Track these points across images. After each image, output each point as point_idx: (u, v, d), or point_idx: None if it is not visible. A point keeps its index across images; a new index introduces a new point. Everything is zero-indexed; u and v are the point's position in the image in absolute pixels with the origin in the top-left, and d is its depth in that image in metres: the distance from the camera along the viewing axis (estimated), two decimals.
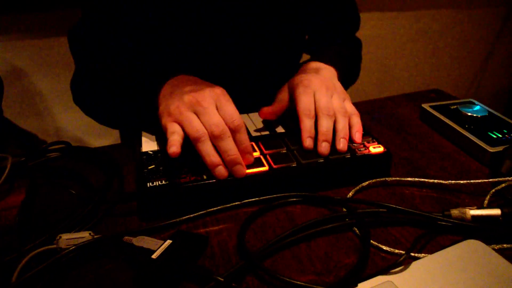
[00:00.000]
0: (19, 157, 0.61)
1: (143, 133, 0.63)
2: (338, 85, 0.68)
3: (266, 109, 0.66)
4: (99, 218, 0.51)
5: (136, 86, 0.64)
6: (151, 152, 0.57)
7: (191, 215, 0.51)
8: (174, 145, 0.51)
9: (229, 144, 0.52)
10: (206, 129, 0.52)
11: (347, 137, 0.60)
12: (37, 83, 1.47)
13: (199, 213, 0.51)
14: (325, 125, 0.59)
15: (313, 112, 0.60)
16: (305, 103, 0.60)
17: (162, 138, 0.59)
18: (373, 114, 0.82)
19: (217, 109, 0.54)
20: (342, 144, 0.59)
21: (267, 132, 0.64)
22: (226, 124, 0.53)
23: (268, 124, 0.67)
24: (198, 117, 0.53)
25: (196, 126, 0.52)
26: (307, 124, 0.59)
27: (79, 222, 0.50)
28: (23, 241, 0.47)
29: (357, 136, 0.61)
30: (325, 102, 0.61)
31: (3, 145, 1.07)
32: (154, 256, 0.42)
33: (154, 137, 0.62)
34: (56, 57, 1.44)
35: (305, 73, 0.68)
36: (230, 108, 0.54)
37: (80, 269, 0.44)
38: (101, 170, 0.62)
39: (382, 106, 0.86)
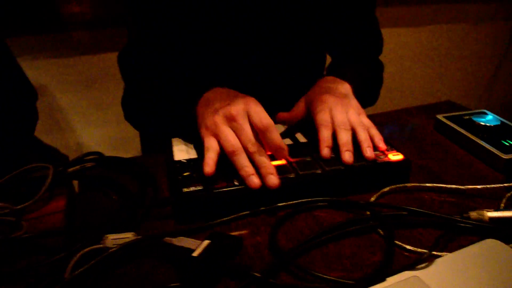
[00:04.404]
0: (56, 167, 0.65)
1: (173, 143, 0.67)
2: (353, 100, 0.70)
3: (283, 114, 0.72)
4: (137, 221, 0.55)
5: (176, 102, 0.71)
6: (184, 161, 0.61)
7: (225, 219, 0.55)
8: (209, 164, 0.55)
9: (263, 157, 0.56)
10: (242, 144, 0.56)
11: (372, 146, 0.62)
12: (59, 100, 1.52)
13: (232, 216, 0.55)
14: (345, 137, 0.62)
15: (330, 124, 0.63)
16: (322, 115, 0.64)
17: (192, 146, 0.65)
18: (388, 125, 0.85)
19: (249, 117, 0.57)
20: (369, 152, 0.61)
21: (291, 142, 0.68)
22: (256, 126, 0.57)
23: (292, 135, 0.70)
24: (234, 132, 0.57)
25: (231, 141, 0.56)
26: (324, 134, 0.62)
27: (119, 225, 0.53)
28: (70, 241, 0.50)
29: (381, 144, 0.64)
30: (341, 118, 0.64)
31: (27, 159, 1.11)
32: (195, 254, 0.45)
33: (184, 146, 0.66)
34: (77, 75, 1.49)
35: (321, 89, 0.71)
36: (260, 112, 0.57)
37: (125, 267, 0.48)
38: (134, 178, 0.65)
39: (397, 118, 0.89)
